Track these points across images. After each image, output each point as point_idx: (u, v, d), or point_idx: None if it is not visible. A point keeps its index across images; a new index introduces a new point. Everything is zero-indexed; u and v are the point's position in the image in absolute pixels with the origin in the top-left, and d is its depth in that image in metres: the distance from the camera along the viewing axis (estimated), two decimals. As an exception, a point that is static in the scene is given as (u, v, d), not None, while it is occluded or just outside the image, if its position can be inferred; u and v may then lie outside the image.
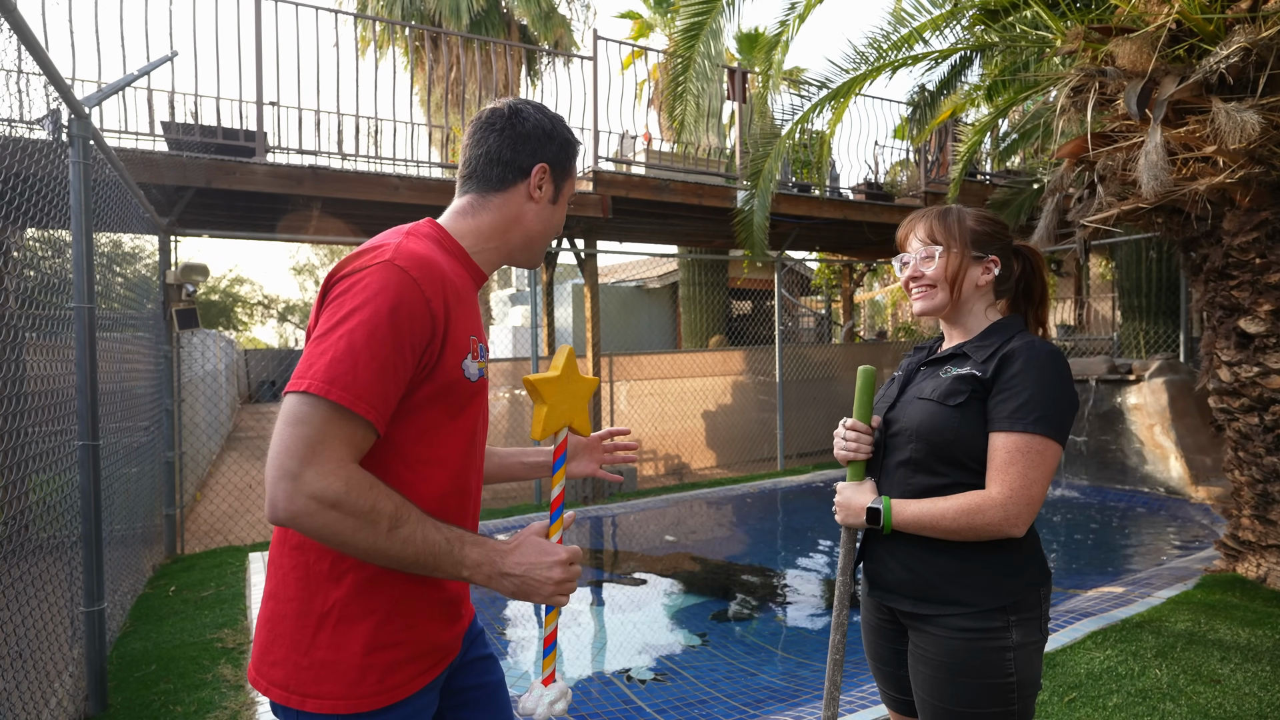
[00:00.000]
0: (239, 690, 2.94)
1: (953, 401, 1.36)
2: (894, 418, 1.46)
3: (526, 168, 1.18)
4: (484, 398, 1.18)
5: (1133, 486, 6.41)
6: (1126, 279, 7.95)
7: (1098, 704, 2.64)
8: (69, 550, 2.87)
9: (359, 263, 1.02)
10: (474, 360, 1.11)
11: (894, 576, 1.42)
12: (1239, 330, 3.75)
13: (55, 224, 2.77)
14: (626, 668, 3.33)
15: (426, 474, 1.08)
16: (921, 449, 1.38)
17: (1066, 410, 1.31)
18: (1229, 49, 3.12)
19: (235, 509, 6.10)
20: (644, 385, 8.11)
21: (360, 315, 0.97)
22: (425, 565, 1.00)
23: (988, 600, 1.32)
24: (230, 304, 25.58)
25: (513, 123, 1.18)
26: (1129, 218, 3.98)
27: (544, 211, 1.21)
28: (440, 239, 1.15)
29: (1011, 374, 1.32)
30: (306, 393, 0.94)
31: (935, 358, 1.49)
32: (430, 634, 1.11)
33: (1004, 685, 1.30)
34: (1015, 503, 1.27)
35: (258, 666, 1.07)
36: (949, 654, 1.33)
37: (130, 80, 3.24)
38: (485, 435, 1.24)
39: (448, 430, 1.10)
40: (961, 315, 1.48)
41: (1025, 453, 1.28)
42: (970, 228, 1.46)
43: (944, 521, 1.31)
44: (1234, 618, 3.35)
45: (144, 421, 4.55)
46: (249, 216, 6.34)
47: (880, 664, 1.54)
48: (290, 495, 0.92)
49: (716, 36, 5.42)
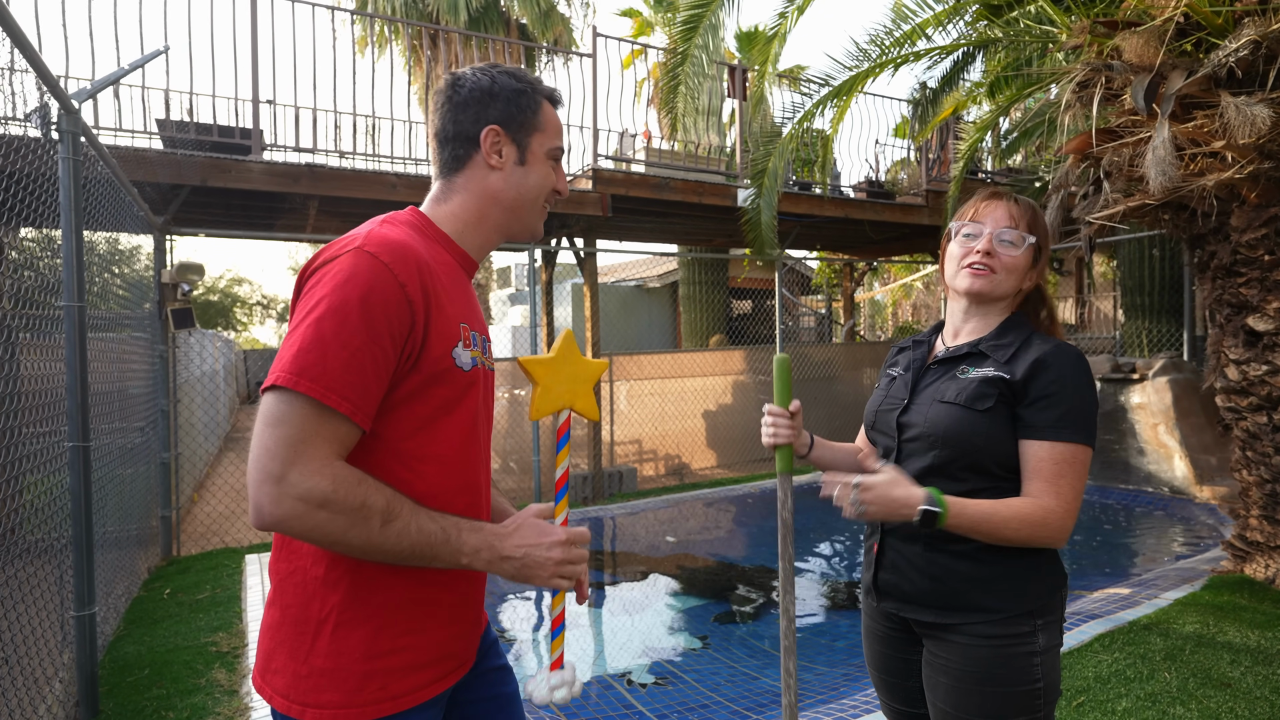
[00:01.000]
0: (233, 695, 2.89)
1: (981, 406, 1.30)
2: (910, 421, 1.38)
3: (474, 136, 1.10)
4: (481, 390, 1.12)
5: (1137, 486, 6.37)
6: (1129, 277, 7.91)
7: (1107, 708, 2.59)
8: (59, 553, 2.82)
9: (328, 254, 0.98)
10: (467, 349, 1.05)
11: (914, 586, 1.35)
12: (1247, 328, 3.70)
13: (46, 222, 2.72)
14: (627, 671, 3.29)
15: (425, 471, 1.02)
16: (945, 455, 1.32)
17: (1095, 416, 1.31)
18: (1238, 42, 3.07)
19: (233, 510, 6.06)
20: (644, 385, 8.06)
21: (328, 303, 0.92)
22: (424, 556, 0.97)
23: (1014, 605, 1.28)
24: (229, 304, 25.54)
25: (450, 95, 1.11)
26: (1135, 214, 3.93)
27: (513, 176, 1.13)
28: (422, 226, 1.10)
29: (1049, 380, 1.28)
30: (275, 387, 0.90)
31: (948, 356, 1.41)
32: (438, 639, 1.06)
33: (1031, 692, 1.25)
34: (1072, 515, 1.26)
35: (262, 674, 1.03)
36: (974, 662, 1.27)
37: (122, 75, 3.19)
38: (489, 429, 1.18)
39: (445, 424, 1.04)
40: (993, 307, 1.41)
41: (1073, 464, 1.26)
42: (1046, 228, 1.42)
43: (1005, 530, 1.24)
44: (1243, 620, 3.31)
45: (139, 422, 4.51)
46: (246, 215, 6.30)
47: (886, 675, 1.47)
48: (276, 499, 0.89)
49: (715, 31, 5.38)
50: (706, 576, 4.77)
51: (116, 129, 5.01)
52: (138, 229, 4.65)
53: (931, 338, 1.51)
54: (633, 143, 7.24)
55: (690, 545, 5.48)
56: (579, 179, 6.60)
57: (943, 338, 1.48)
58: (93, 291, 3.26)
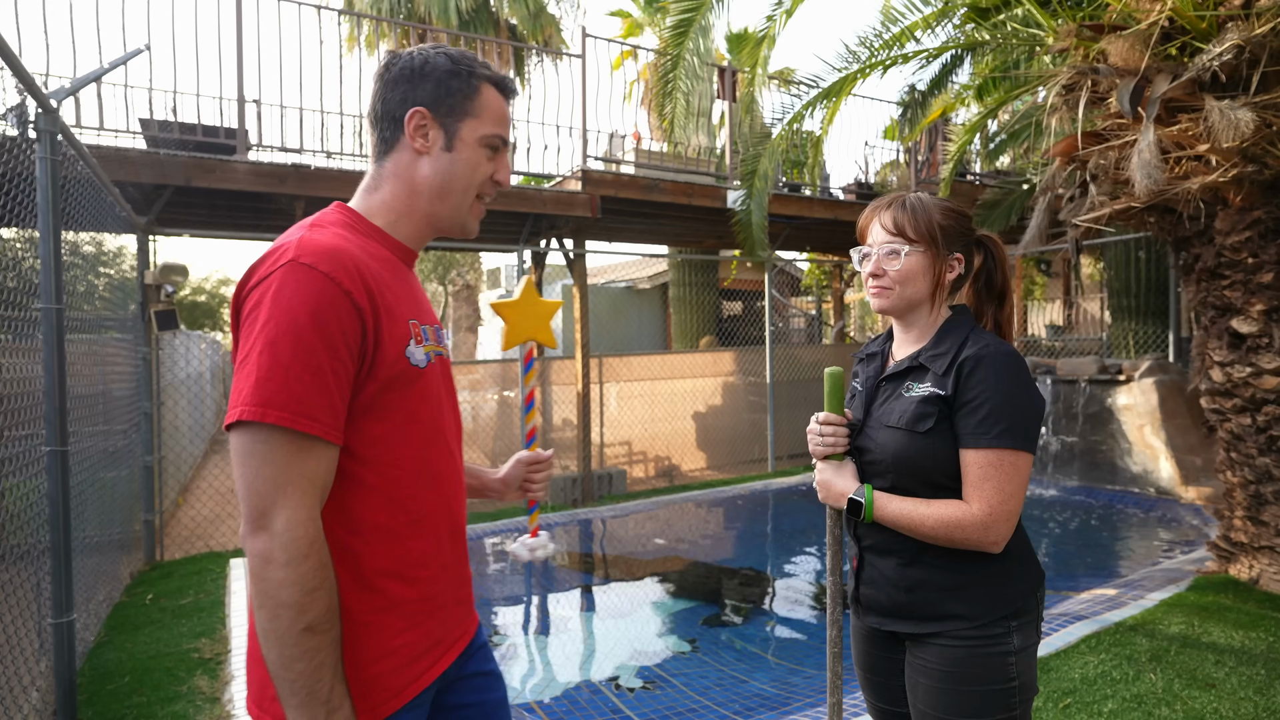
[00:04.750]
0: (214, 703, 2.85)
1: (922, 428, 1.30)
2: (864, 446, 1.40)
3: (399, 118, 1.05)
4: (439, 381, 1.10)
5: (1123, 487, 6.41)
6: (1116, 279, 7.96)
7: (1093, 710, 2.59)
8: (37, 559, 2.77)
9: (262, 271, 0.93)
10: (419, 345, 1.03)
11: (891, 600, 1.37)
12: (1231, 330, 3.73)
13: (24, 223, 2.68)
14: (615, 675, 3.27)
15: (395, 475, 1.01)
16: (900, 478, 1.34)
17: (1032, 417, 1.27)
18: (1222, 46, 3.09)
19: (217, 514, 5.99)
20: (634, 386, 8.04)
21: (275, 325, 0.88)
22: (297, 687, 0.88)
23: (988, 612, 1.30)
24: (216, 306, 25.33)
25: (382, 74, 1.07)
26: (1121, 217, 3.95)
27: (439, 162, 1.06)
28: (352, 222, 1.06)
29: (971, 385, 1.27)
30: (240, 423, 0.86)
31: (895, 372, 1.41)
32: (422, 635, 1.05)
33: (1006, 690, 1.28)
34: (995, 519, 1.25)
35: (258, 702, 1.00)
36: (952, 662, 1.30)
37: (102, 73, 3.15)
38: (455, 414, 1.17)
39: (408, 424, 1.02)
40: (917, 315, 1.40)
41: (998, 467, 1.25)
42: (938, 222, 1.35)
43: (923, 528, 1.29)
44: (1228, 620, 3.33)
45: (122, 425, 4.45)
46: (231, 216, 6.23)
47: (871, 674, 1.48)
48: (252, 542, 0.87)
49: (706, 33, 5.37)
50: (695, 579, 4.75)
51: (99, 128, 4.94)
52: (120, 229, 4.59)
53: (885, 346, 1.50)
54: (622, 144, 7.23)
55: (679, 548, 5.47)
56: (568, 180, 6.58)
57: (893, 349, 1.48)
58: (75, 293, 3.21)
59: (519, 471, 1.38)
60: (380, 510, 1.00)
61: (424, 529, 1.05)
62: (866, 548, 1.42)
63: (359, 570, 0.98)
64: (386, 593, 1.00)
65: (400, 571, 1.02)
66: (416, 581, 1.03)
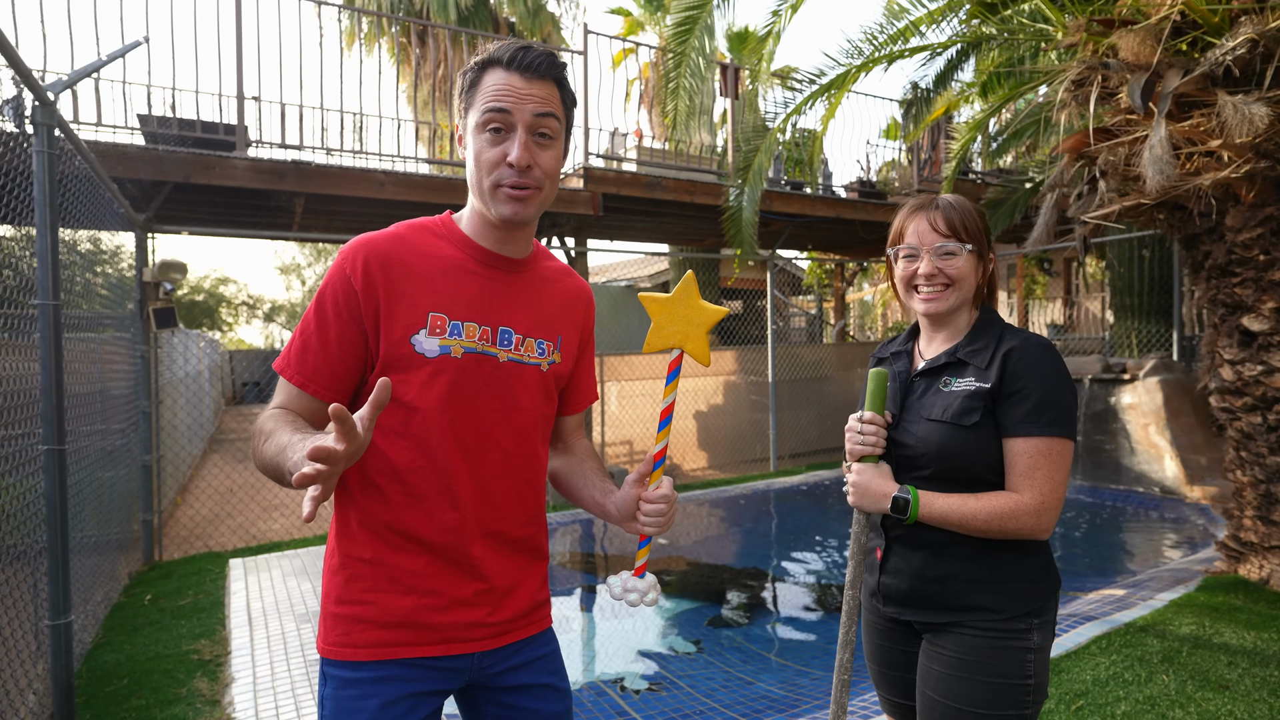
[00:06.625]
0: (214, 705, 2.81)
1: (968, 421, 1.31)
2: (901, 439, 1.39)
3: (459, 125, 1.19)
4: (462, 378, 1.11)
5: (1128, 486, 6.38)
6: (1119, 278, 7.93)
7: (1106, 712, 2.56)
8: (34, 560, 2.73)
9: None
10: (434, 336, 1.09)
11: (917, 591, 1.37)
12: (1242, 328, 3.69)
13: (20, 219, 2.63)
14: (620, 677, 3.23)
15: (398, 445, 1.10)
16: (940, 470, 1.34)
17: (1072, 405, 1.31)
18: (1235, 40, 3.06)
19: (217, 513, 5.94)
20: (635, 385, 8.01)
21: (312, 302, 1.13)
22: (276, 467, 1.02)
23: (1015, 606, 1.31)
24: (215, 304, 25.26)
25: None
26: (1130, 214, 3.92)
27: (469, 153, 1.14)
28: (434, 226, 1.18)
29: (1018, 375, 1.29)
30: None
31: (930, 368, 1.41)
32: (399, 607, 1.09)
33: (1021, 687, 1.28)
34: (1047, 506, 1.27)
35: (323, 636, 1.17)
36: (971, 651, 1.30)
37: (100, 65, 3.10)
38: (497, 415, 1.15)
39: (419, 409, 1.09)
40: (960, 314, 1.42)
41: (1048, 456, 1.27)
42: (979, 224, 1.40)
43: (974, 522, 1.28)
44: (1239, 621, 3.29)
45: (120, 424, 4.40)
46: (230, 213, 6.19)
47: (886, 668, 1.48)
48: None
49: (710, 32, 5.33)
50: (700, 579, 4.71)
51: (97, 124, 4.90)
52: (118, 226, 4.54)
53: (909, 345, 1.50)
54: (624, 141, 7.19)
55: (682, 548, 5.43)
56: (570, 178, 6.54)
57: (919, 347, 1.48)
58: (73, 290, 3.17)
59: (630, 498, 1.20)
60: (381, 473, 1.10)
61: (423, 510, 1.10)
62: (895, 538, 1.41)
63: (349, 508, 1.12)
64: (364, 544, 1.10)
65: (383, 536, 1.10)
66: (400, 551, 1.10)
